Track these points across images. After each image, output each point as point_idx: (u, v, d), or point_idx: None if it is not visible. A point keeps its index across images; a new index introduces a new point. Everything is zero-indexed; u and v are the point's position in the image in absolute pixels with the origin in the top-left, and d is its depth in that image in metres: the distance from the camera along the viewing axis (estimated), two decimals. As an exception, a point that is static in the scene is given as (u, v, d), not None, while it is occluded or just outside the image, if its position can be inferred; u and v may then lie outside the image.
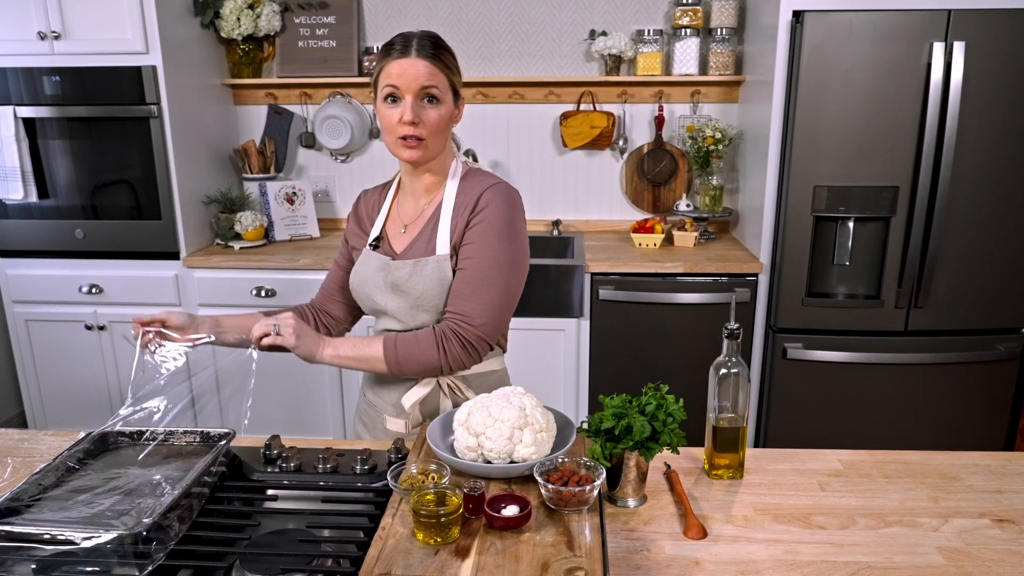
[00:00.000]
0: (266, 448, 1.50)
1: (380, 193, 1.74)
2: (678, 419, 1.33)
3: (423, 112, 1.49)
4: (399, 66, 1.47)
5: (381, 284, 1.60)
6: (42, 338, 3.34)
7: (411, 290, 1.56)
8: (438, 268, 1.55)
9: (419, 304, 1.56)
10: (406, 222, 1.64)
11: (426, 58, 1.48)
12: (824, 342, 2.92)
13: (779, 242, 2.90)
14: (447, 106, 1.52)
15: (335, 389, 3.25)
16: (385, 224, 1.68)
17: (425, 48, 1.48)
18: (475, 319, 1.51)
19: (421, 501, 1.16)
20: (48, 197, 3.19)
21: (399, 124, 1.49)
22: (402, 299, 1.58)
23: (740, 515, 1.32)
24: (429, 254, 1.57)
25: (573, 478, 1.25)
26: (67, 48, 3.00)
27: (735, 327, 1.42)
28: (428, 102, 1.49)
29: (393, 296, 1.59)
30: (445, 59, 1.51)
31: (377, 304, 1.62)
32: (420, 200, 1.64)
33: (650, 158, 3.55)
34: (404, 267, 1.57)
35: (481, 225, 1.53)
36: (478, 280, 1.52)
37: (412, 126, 1.49)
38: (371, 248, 1.66)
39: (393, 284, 1.58)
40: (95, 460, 1.46)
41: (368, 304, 1.65)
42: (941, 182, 2.72)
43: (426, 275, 1.55)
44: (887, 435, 2.98)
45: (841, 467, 1.49)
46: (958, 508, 1.33)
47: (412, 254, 1.59)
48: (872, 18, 2.65)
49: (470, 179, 1.60)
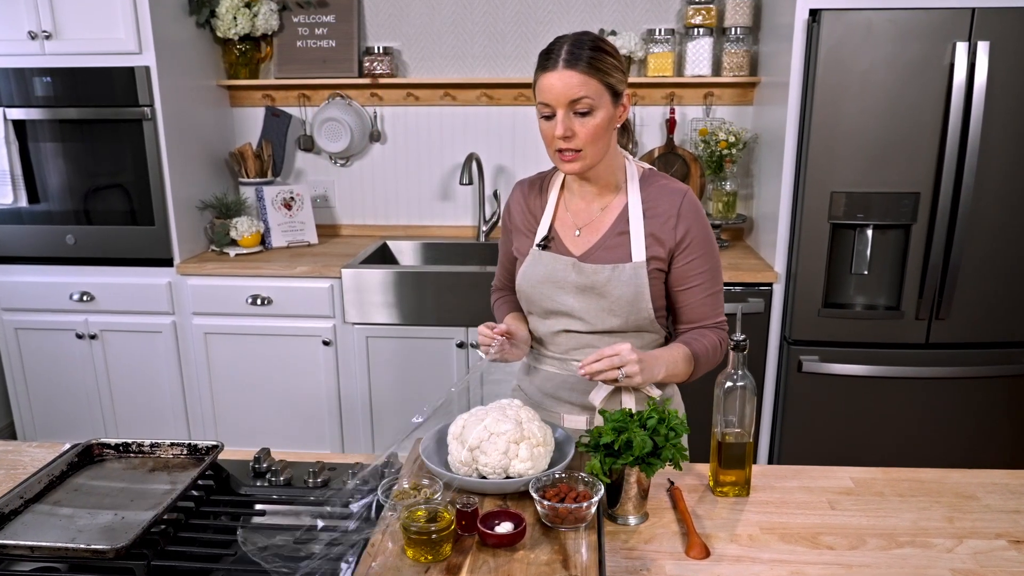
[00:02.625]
0: (255, 461, 1.51)
1: (541, 189, 1.76)
2: (681, 434, 1.34)
3: (575, 125, 1.51)
4: (547, 80, 1.50)
5: (568, 285, 1.64)
6: (32, 347, 3.37)
7: (608, 294, 1.61)
8: (635, 275, 1.60)
9: (612, 308, 1.62)
10: (579, 224, 1.68)
11: (573, 68, 1.48)
12: (841, 355, 2.91)
13: (795, 250, 2.90)
14: (603, 111, 1.52)
15: (333, 401, 3.27)
16: (553, 223, 1.71)
17: (572, 57, 1.48)
18: (725, 324, 1.70)
19: (412, 517, 1.17)
20: (38, 202, 3.23)
21: (555, 139, 1.53)
22: (595, 302, 1.63)
23: (745, 534, 1.32)
24: (622, 260, 1.62)
25: (570, 494, 1.26)
26: (58, 48, 3.03)
27: (741, 339, 1.43)
28: (579, 114, 1.51)
29: (583, 297, 1.63)
30: (597, 63, 1.50)
31: (560, 305, 1.66)
32: (592, 204, 1.68)
33: (661, 163, 3.55)
34: (602, 271, 1.61)
35: (697, 232, 1.63)
36: (714, 288, 1.67)
37: (565, 140, 1.52)
38: (540, 248, 1.69)
39: (586, 286, 1.62)
40: (79, 473, 1.48)
41: (545, 304, 1.68)
42: (964, 188, 2.71)
43: (623, 281, 1.60)
44: (905, 451, 2.97)
45: (852, 485, 1.49)
46: (973, 528, 1.34)
47: (599, 258, 1.63)
48: (892, 17, 2.65)
49: (653, 185, 1.66)
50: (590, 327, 1.65)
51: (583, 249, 1.65)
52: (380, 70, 3.49)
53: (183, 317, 3.26)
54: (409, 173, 3.72)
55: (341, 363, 3.23)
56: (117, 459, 1.53)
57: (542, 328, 1.72)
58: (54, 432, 3.45)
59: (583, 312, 1.64)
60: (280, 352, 3.24)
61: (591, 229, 1.67)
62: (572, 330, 1.67)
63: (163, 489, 1.41)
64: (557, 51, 1.49)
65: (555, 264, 1.65)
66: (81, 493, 1.41)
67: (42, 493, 1.39)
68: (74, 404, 3.42)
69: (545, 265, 1.67)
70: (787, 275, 2.98)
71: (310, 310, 3.17)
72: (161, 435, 2.82)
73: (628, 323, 1.64)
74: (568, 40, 1.51)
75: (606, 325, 1.64)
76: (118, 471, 1.49)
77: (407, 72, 3.63)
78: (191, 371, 3.33)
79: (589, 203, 1.68)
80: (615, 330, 1.64)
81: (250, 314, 3.20)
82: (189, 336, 3.28)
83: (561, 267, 1.65)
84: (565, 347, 1.69)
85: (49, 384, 3.41)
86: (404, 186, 3.73)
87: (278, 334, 3.21)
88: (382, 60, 3.48)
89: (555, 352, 1.71)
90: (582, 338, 1.66)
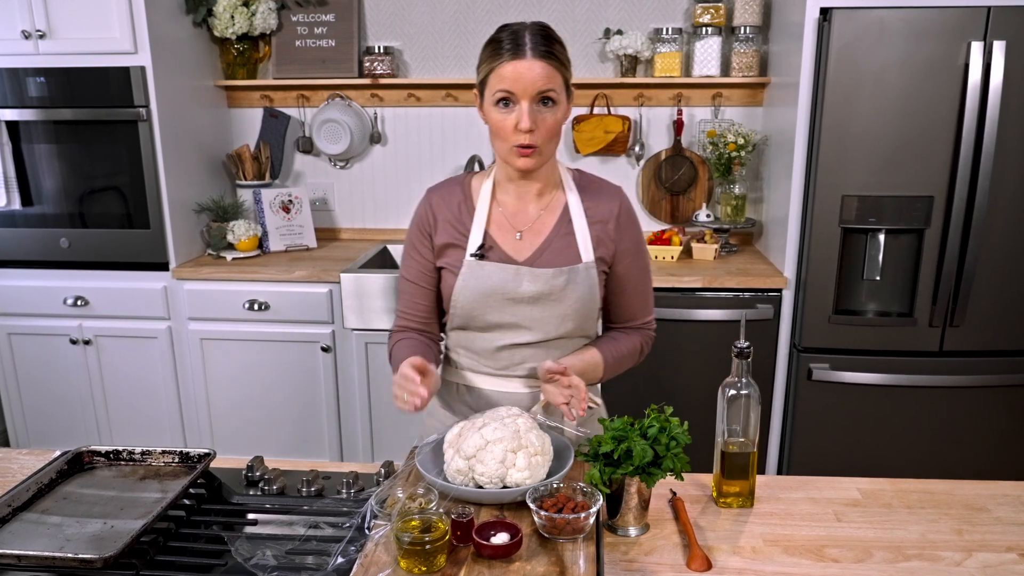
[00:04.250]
0: (248, 470, 1.52)
1: (464, 195, 1.67)
2: (682, 443, 1.34)
3: (540, 117, 1.48)
4: (514, 68, 1.45)
5: (519, 295, 1.58)
6: (25, 352, 3.39)
7: (564, 299, 1.59)
8: (588, 275, 1.60)
9: (566, 314, 1.60)
10: (519, 227, 1.63)
11: (542, 57, 1.46)
12: (852, 363, 2.91)
13: (805, 255, 2.90)
14: (563, 107, 1.52)
15: (331, 408, 3.28)
16: (488, 229, 1.64)
17: (540, 46, 1.46)
18: (653, 324, 1.76)
19: (405, 527, 1.17)
20: (32, 204, 3.25)
21: (514, 132, 1.49)
22: (550, 309, 1.59)
23: (748, 546, 1.32)
24: (573, 262, 1.60)
25: (568, 505, 1.27)
26: (52, 48, 3.06)
27: (745, 345, 1.43)
28: (544, 105, 1.49)
29: (536, 307, 1.59)
30: (560, 55, 1.49)
31: (509, 317, 1.60)
32: (530, 204, 1.64)
33: (668, 165, 3.56)
34: (558, 275, 1.58)
35: (634, 235, 1.66)
36: (647, 285, 1.72)
37: (529, 134, 1.48)
38: (476, 258, 1.61)
39: (541, 294, 1.58)
40: (69, 480, 1.49)
41: (489, 318, 1.61)
42: (979, 192, 2.71)
43: (578, 283, 1.59)
44: (918, 462, 2.96)
45: (860, 496, 1.49)
46: (983, 541, 1.33)
47: (548, 262, 1.60)
48: (905, 15, 2.65)
49: (591, 185, 1.67)
50: (540, 336, 1.61)
51: (527, 253, 1.61)
52: (381, 70, 3.50)
53: (179, 322, 3.28)
54: (410, 176, 3.73)
55: (340, 370, 3.24)
56: (107, 467, 1.54)
57: (479, 344, 1.65)
58: (47, 439, 3.47)
59: (535, 322, 1.60)
60: (278, 359, 3.25)
61: (532, 231, 1.63)
62: (517, 343, 1.62)
63: (154, 498, 1.42)
64: (521, 39, 1.46)
65: (501, 274, 1.58)
66: (70, 501, 1.42)
67: (31, 501, 1.40)
68: (68, 411, 3.44)
69: (488, 276, 1.59)
70: (797, 281, 2.98)
71: (308, 316, 3.19)
72: (156, 443, 2.83)
73: (579, 328, 1.63)
74: (529, 29, 1.48)
75: (558, 332, 1.61)
76: (108, 479, 1.50)
77: (408, 72, 3.64)
78: (187, 378, 3.34)
79: (527, 204, 1.64)
80: (565, 336, 1.63)
81: (247, 319, 3.21)
82: (185, 342, 3.29)
83: (509, 277, 1.58)
84: (506, 362, 1.64)
85: (42, 390, 3.43)
86: (405, 189, 3.74)
87: (276, 340, 3.22)
88: (383, 60, 3.49)
89: (493, 368, 1.66)
90: (526, 351, 1.62)
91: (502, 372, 1.66)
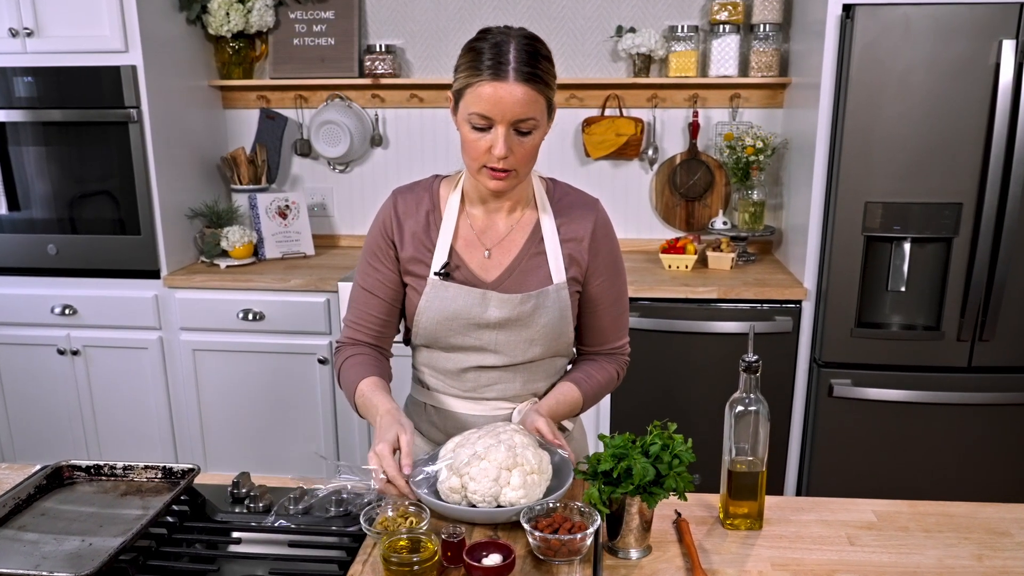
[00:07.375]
0: (233, 486, 1.53)
1: (432, 203, 1.65)
2: (686, 461, 1.34)
3: (516, 143, 1.45)
4: (493, 91, 1.40)
5: (482, 320, 1.57)
6: (10, 363, 3.42)
7: (532, 323, 1.58)
8: (558, 298, 1.59)
9: (534, 339, 1.60)
10: (488, 245, 1.62)
11: (525, 81, 1.41)
12: (876, 378, 2.90)
13: (826, 265, 2.90)
14: (542, 130, 1.49)
15: (328, 423, 3.29)
16: (454, 245, 1.62)
17: (524, 69, 1.41)
18: (627, 348, 1.75)
19: (393, 547, 1.18)
20: (18, 209, 3.29)
21: (486, 154, 1.45)
22: (517, 333, 1.59)
23: (755, 570, 1.33)
24: (543, 284, 1.59)
25: (564, 525, 1.27)
26: (40, 46, 3.09)
27: (753, 359, 1.43)
28: (521, 134, 1.45)
29: (503, 332, 1.59)
30: (545, 76, 1.45)
31: (474, 340, 1.59)
32: (499, 221, 1.63)
33: (683, 170, 3.57)
34: (527, 300, 1.57)
35: (610, 253, 1.66)
36: (621, 309, 1.71)
37: (503, 159, 1.45)
38: (441, 277, 1.59)
39: (508, 319, 1.57)
40: (48, 496, 1.51)
41: (453, 340, 1.60)
42: (1011, 198, 2.70)
43: (548, 307, 1.58)
44: (943, 483, 2.95)
45: (875, 519, 1.49)
46: (1004, 568, 1.33)
47: (517, 285, 1.59)
48: (932, 12, 2.65)
49: (563, 199, 1.64)
50: (508, 360, 1.61)
51: (495, 274, 1.60)
52: (382, 70, 3.53)
53: (170, 332, 3.30)
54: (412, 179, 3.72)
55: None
56: (88, 482, 1.55)
57: (444, 364, 1.64)
58: (33, 453, 3.49)
59: (501, 346, 1.60)
60: (273, 371, 3.27)
61: (502, 249, 1.61)
62: (484, 366, 1.61)
63: (135, 515, 1.44)
64: (505, 58, 1.40)
65: (466, 298, 1.57)
66: (48, 518, 1.44)
67: (7, 517, 1.41)
68: (55, 423, 3.47)
69: (452, 299, 1.57)
70: (818, 292, 2.97)
71: (305, 326, 3.21)
72: (147, 457, 2.85)
73: (548, 351, 1.62)
74: (513, 44, 1.42)
75: (526, 356, 1.61)
76: (88, 495, 1.51)
77: (411, 72, 3.66)
78: (178, 390, 3.36)
79: (497, 220, 1.63)
80: (534, 360, 1.62)
81: (241, 330, 3.23)
82: (176, 353, 3.31)
83: (475, 300, 1.57)
84: (473, 383, 1.64)
85: (29, 402, 3.46)
86: (407, 193, 3.75)
87: (271, 351, 3.24)
88: (384, 59, 3.52)
89: (460, 390, 1.65)
90: (493, 374, 1.62)
91: (469, 395, 1.65)
